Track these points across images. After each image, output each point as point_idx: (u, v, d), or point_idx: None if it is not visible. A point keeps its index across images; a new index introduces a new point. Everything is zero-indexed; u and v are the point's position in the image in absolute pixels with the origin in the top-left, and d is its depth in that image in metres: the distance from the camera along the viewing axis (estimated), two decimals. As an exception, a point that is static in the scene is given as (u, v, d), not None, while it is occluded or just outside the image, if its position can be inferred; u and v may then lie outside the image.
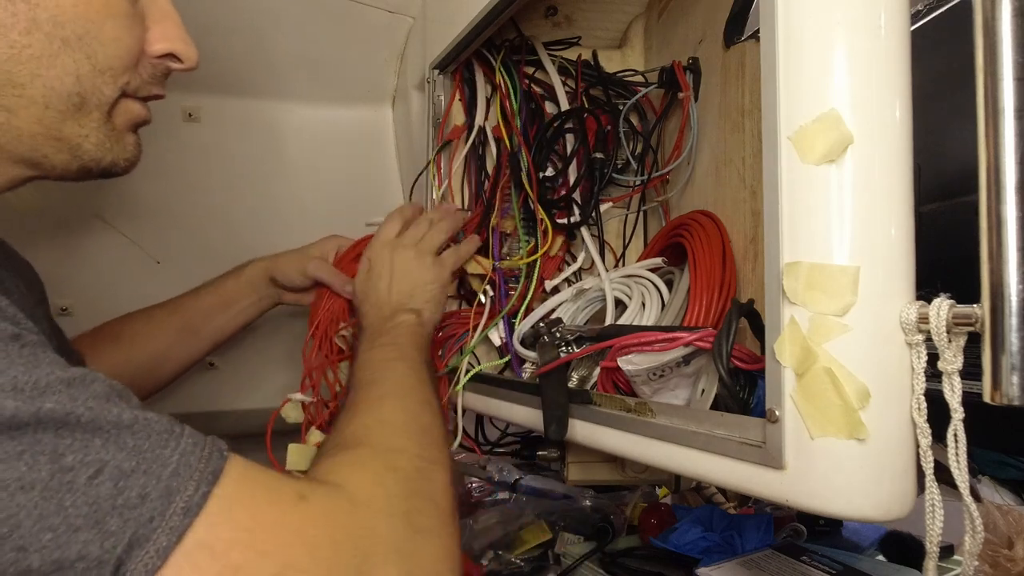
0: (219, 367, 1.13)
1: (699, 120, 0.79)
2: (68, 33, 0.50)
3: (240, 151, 1.10)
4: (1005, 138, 0.35)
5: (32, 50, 0.49)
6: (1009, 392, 0.35)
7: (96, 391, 0.41)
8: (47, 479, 0.37)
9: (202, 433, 0.45)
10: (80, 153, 0.53)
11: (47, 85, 0.50)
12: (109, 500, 0.38)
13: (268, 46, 1.06)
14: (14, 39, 0.48)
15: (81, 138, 0.53)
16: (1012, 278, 0.35)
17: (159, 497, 0.39)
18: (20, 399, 0.38)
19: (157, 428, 0.42)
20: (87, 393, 0.40)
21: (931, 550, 0.39)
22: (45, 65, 0.49)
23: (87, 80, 0.51)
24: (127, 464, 0.39)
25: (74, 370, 0.41)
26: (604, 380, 0.66)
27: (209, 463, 0.42)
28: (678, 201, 0.84)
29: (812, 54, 0.41)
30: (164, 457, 0.41)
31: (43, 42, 0.49)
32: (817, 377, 0.40)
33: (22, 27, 0.48)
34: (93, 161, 0.54)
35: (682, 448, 0.50)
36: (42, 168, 0.54)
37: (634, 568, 0.92)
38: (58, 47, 0.50)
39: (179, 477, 0.40)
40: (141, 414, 0.42)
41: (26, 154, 0.52)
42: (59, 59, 0.50)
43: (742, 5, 0.71)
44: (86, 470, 0.38)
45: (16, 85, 0.49)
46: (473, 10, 0.78)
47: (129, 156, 0.57)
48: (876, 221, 0.40)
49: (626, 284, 0.78)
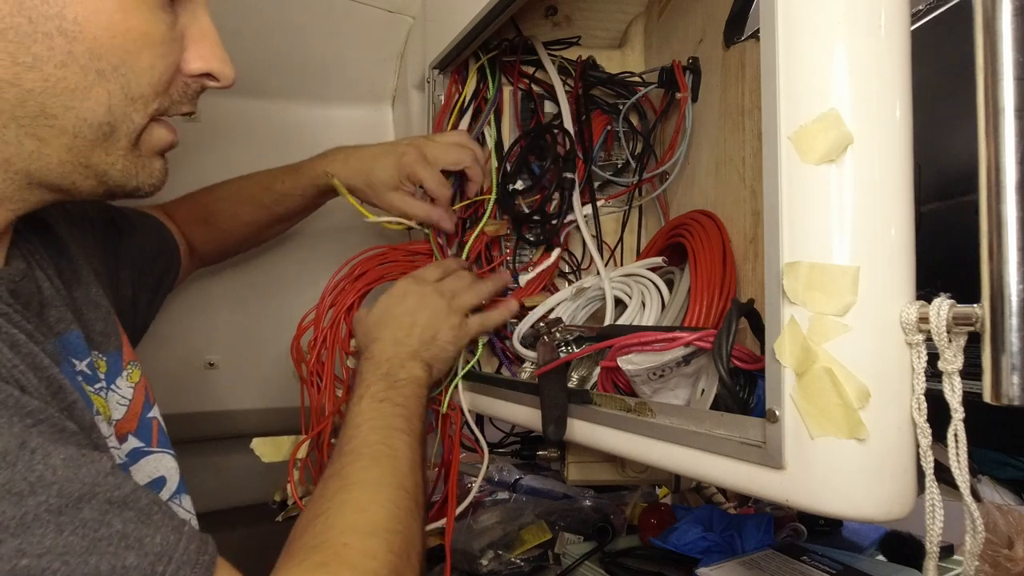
0: (219, 367, 1.13)
1: (699, 120, 0.79)
2: (104, 65, 0.49)
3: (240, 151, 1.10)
4: (1005, 137, 0.35)
5: (67, 83, 0.48)
6: (1009, 392, 0.35)
7: (85, 519, 0.41)
8: None
9: (194, 550, 0.45)
10: (107, 179, 0.53)
11: (80, 116, 0.49)
12: None
13: (268, 46, 1.06)
14: (50, 72, 0.47)
15: (108, 165, 0.52)
16: (1012, 278, 0.35)
17: None
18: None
19: (138, 573, 0.41)
20: (76, 522, 0.40)
21: (931, 550, 0.39)
22: (80, 97, 0.49)
23: (118, 110, 0.51)
24: None
25: (73, 487, 0.41)
26: (604, 380, 0.66)
27: None
28: (678, 201, 0.84)
29: (812, 54, 0.41)
30: None
31: (78, 75, 0.48)
32: (817, 377, 0.40)
33: (58, 60, 0.47)
34: (118, 186, 0.54)
35: (682, 448, 0.51)
36: (70, 194, 0.54)
37: (634, 568, 0.92)
38: (93, 79, 0.49)
39: None
40: (124, 559, 0.41)
41: (55, 181, 0.52)
42: (93, 91, 0.49)
43: (742, 5, 0.71)
44: None
45: (49, 116, 0.48)
46: (473, 10, 0.78)
47: (155, 181, 0.57)
48: (876, 221, 0.40)
49: (626, 283, 0.78)
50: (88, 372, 0.60)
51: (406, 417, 0.69)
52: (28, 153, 0.49)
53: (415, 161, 0.83)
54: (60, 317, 0.59)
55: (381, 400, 0.70)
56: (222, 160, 1.09)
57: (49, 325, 0.57)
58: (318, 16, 1.05)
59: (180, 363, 1.10)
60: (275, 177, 0.93)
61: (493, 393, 0.78)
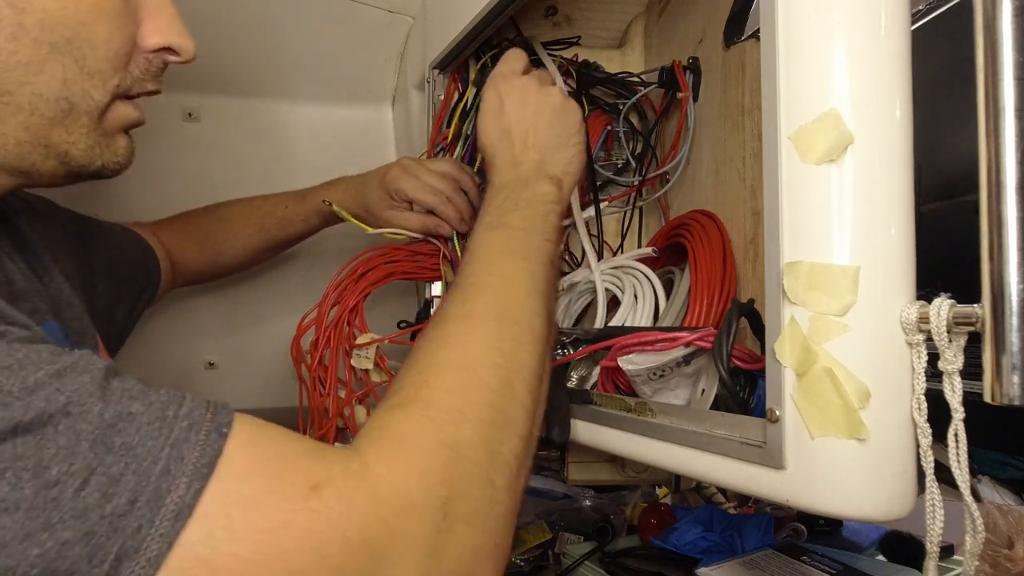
0: (219, 367, 1.13)
1: (699, 120, 0.79)
2: (57, 37, 0.48)
3: (239, 151, 1.10)
4: (1006, 137, 0.35)
5: (19, 56, 0.47)
6: (1010, 392, 0.35)
7: (87, 379, 0.38)
8: (31, 497, 0.35)
9: (205, 401, 0.41)
10: (68, 160, 0.52)
11: (35, 92, 0.48)
12: (97, 510, 0.36)
13: (268, 45, 1.06)
14: (0, 46, 0.46)
15: (69, 144, 0.51)
16: (1013, 278, 0.35)
17: (148, 502, 0.36)
18: (2, 411, 0.35)
19: (148, 417, 0.38)
20: (77, 382, 0.38)
21: (931, 550, 0.39)
22: (33, 71, 0.48)
23: (75, 85, 0.50)
24: (115, 468, 0.36)
25: (65, 359, 0.39)
26: (604, 380, 0.66)
27: (205, 450, 0.38)
28: (678, 201, 0.84)
29: (812, 54, 0.41)
30: (155, 452, 0.37)
31: (31, 48, 0.47)
32: (817, 377, 0.40)
33: (8, 32, 0.46)
34: (81, 167, 0.53)
35: (682, 448, 0.50)
36: (30, 177, 0.52)
37: (634, 568, 0.92)
38: (46, 52, 0.48)
39: (169, 475, 0.37)
40: (128, 407, 0.38)
41: (13, 163, 0.50)
42: (47, 64, 0.48)
43: (742, 5, 0.71)
44: (72, 481, 0.36)
45: (3, 92, 0.47)
46: (473, 10, 0.78)
47: (120, 159, 0.55)
48: (876, 221, 0.40)
49: (616, 276, 0.78)
50: None
51: (525, 239, 0.59)
52: None
53: (397, 177, 0.84)
54: (34, 308, 0.56)
55: (495, 227, 0.61)
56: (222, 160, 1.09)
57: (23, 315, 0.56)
58: (318, 16, 1.05)
59: (180, 363, 1.10)
60: (278, 202, 0.95)
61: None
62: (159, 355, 1.06)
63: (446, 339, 0.51)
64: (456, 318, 0.53)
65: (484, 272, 0.57)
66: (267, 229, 0.95)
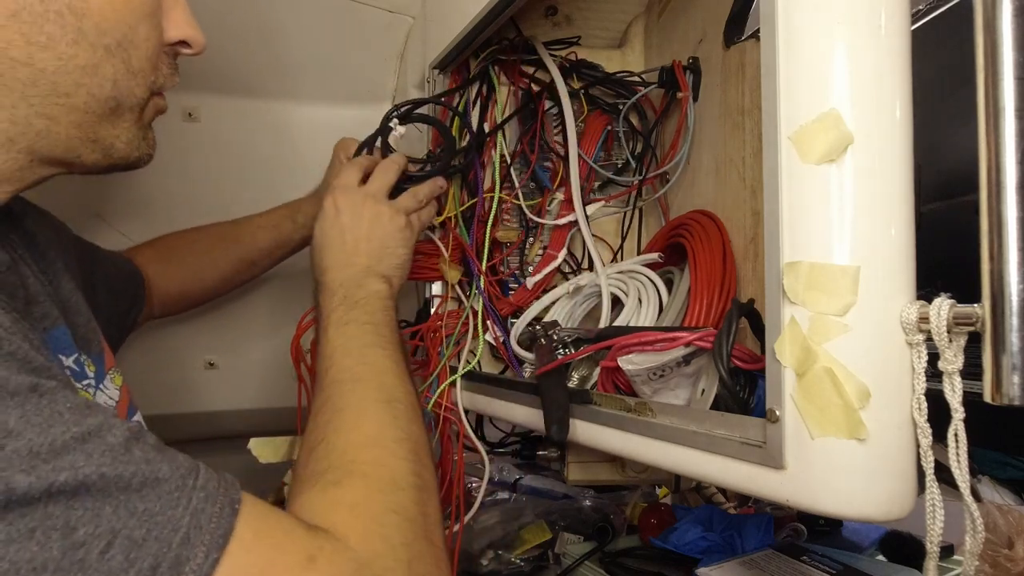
0: (219, 367, 1.13)
1: (699, 120, 0.79)
2: (110, 40, 0.51)
3: (239, 151, 1.10)
4: (1005, 137, 0.35)
5: (78, 60, 0.49)
6: (1010, 392, 0.35)
7: (111, 443, 0.40)
8: (59, 558, 0.37)
9: (215, 474, 0.44)
10: (112, 152, 0.54)
11: (90, 92, 0.51)
12: (122, 574, 0.38)
13: (268, 45, 1.06)
14: (63, 51, 0.48)
15: (114, 138, 0.54)
16: (1012, 278, 0.35)
17: (169, 568, 0.39)
18: (34, 472, 0.37)
19: (168, 487, 0.41)
20: (103, 447, 0.40)
21: (931, 550, 0.39)
22: (90, 74, 0.50)
23: (123, 84, 0.52)
24: (138, 532, 0.39)
25: (90, 421, 0.40)
26: (604, 380, 0.66)
27: (220, 522, 0.41)
28: (678, 201, 0.84)
29: (812, 54, 0.41)
30: (175, 520, 0.40)
31: (88, 52, 0.50)
32: (817, 377, 0.40)
33: (70, 38, 0.49)
34: (122, 159, 0.55)
35: (682, 448, 0.50)
36: (73, 167, 0.54)
37: (634, 568, 0.92)
38: (101, 55, 0.50)
39: (189, 544, 0.39)
40: (152, 470, 0.41)
41: (60, 155, 0.52)
42: (102, 67, 0.51)
43: (742, 5, 0.71)
44: (98, 543, 0.38)
45: (61, 95, 0.49)
46: (473, 10, 0.78)
47: (151, 151, 0.58)
48: (876, 221, 0.40)
49: (622, 280, 0.78)
50: (76, 368, 0.59)
51: (375, 332, 0.65)
52: (36, 132, 0.50)
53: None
54: (46, 313, 0.58)
55: (345, 324, 0.66)
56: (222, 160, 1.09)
57: (35, 319, 0.57)
58: (318, 16, 1.05)
59: (180, 363, 1.10)
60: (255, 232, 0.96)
61: (493, 393, 0.78)
62: (159, 355, 1.06)
63: (351, 424, 0.56)
64: (350, 407, 0.58)
65: (355, 365, 0.62)
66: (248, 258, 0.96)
